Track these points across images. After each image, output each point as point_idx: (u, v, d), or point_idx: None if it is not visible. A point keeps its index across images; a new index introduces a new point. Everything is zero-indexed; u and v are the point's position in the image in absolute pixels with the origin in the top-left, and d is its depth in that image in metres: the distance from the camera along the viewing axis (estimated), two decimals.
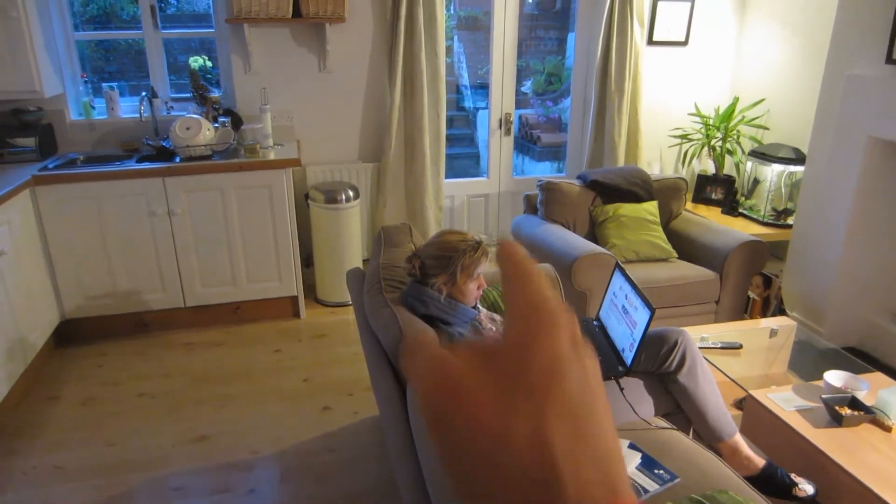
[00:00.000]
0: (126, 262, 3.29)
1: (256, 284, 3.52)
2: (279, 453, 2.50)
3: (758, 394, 2.21)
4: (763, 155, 3.92)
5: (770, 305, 3.44)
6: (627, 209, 3.39)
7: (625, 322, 2.05)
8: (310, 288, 3.95)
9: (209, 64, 4.13)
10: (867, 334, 3.19)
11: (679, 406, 2.04)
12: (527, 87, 5.67)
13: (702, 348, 2.54)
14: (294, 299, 3.65)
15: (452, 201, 4.38)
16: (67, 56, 3.60)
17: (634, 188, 3.48)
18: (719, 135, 4.22)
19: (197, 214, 3.30)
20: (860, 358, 2.63)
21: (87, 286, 3.27)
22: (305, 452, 2.50)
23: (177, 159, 3.30)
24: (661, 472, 1.71)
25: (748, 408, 2.24)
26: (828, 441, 1.96)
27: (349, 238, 3.69)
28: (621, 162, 4.23)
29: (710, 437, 2.00)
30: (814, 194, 3.25)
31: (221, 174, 3.25)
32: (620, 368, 1.99)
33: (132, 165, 3.22)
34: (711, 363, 2.38)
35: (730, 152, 4.23)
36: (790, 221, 3.80)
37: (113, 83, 3.75)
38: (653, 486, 1.66)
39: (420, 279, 1.88)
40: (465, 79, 6.08)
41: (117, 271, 3.29)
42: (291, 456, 2.49)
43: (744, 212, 4.05)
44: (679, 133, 4.45)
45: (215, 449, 2.54)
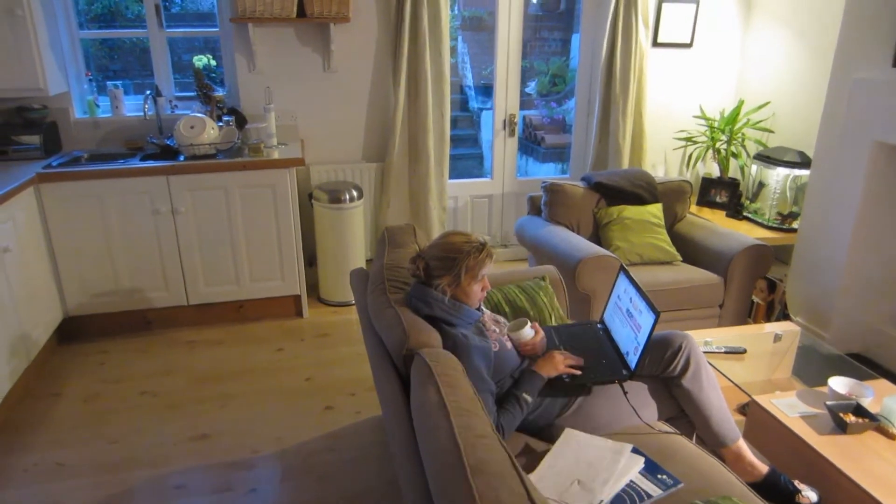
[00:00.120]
0: (129, 260, 3.29)
1: (259, 283, 3.52)
2: (280, 452, 2.50)
3: (762, 399, 2.19)
4: (768, 158, 3.91)
5: (774, 310, 3.43)
6: (632, 211, 3.38)
7: (629, 325, 2.04)
8: (312, 287, 3.95)
9: (213, 63, 4.13)
10: (872, 340, 3.18)
11: (682, 410, 2.03)
12: (531, 88, 5.67)
13: (705, 352, 2.53)
14: (297, 298, 3.65)
15: (456, 202, 4.38)
16: (72, 54, 3.60)
17: (639, 190, 3.47)
18: (724, 137, 4.20)
19: (201, 213, 3.30)
20: (864, 364, 2.61)
21: (91, 283, 3.27)
22: (307, 452, 2.50)
23: (181, 158, 3.30)
24: (665, 477, 1.70)
25: (752, 413, 2.23)
26: (832, 448, 1.94)
27: (352, 238, 3.69)
28: (625, 164, 4.22)
29: (714, 443, 1.99)
30: (819, 198, 3.24)
31: (225, 173, 3.25)
32: (624, 372, 1.98)
33: (136, 164, 3.22)
34: (715, 368, 2.37)
35: (735, 155, 4.22)
36: (795, 225, 3.79)
37: (117, 82, 3.75)
38: (656, 491, 1.65)
39: (424, 280, 1.87)
40: (469, 79, 6.08)
41: (120, 269, 3.29)
42: (293, 455, 2.48)
43: (748, 215, 4.04)
44: (684, 135, 4.44)
45: (217, 447, 2.54)
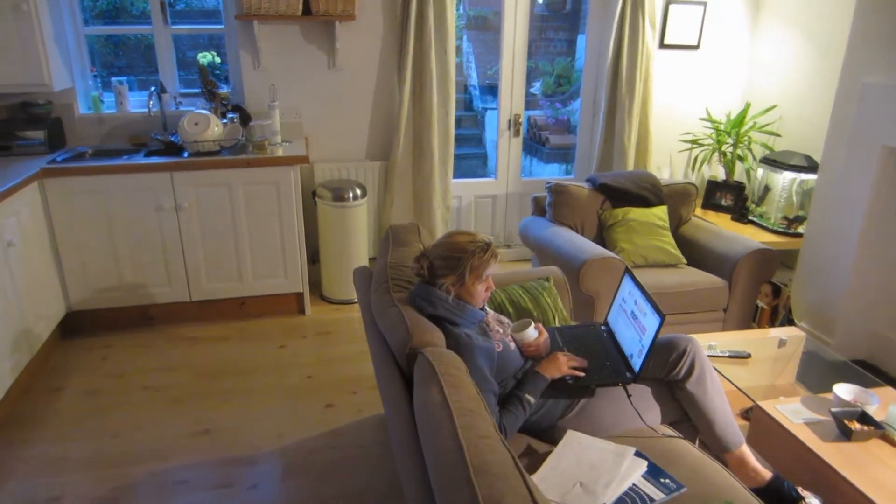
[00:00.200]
0: (132, 256, 3.29)
1: (262, 280, 3.52)
2: (281, 449, 2.50)
3: (766, 405, 2.18)
4: (774, 162, 3.89)
5: (778, 315, 3.42)
6: (636, 213, 3.37)
7: (634, 328, 2.03)
8: (315, 285, 3.95)
9: (218, 60, 4.13)
10: (877, 347, 3.16)
11: (686, 414, 2.02)
12: (536, 89, 5.66)
13: (709, 356, 2.51)
14: (299, 296, 3.64)
15: (460, 201, 4.37)
16: (77, 50, 3.60)
17: (644, 192, 3.46)
18: (730, 141, 4.19)
19: (204, 210, 3.29)
20: (868, 371, 2.59)
21: (94, 278, 3.27)
22: (308, 449, 2.50)
23: (185, 154, 3.30)
24: (667, 481, 1.69)
25: (755, 418, 2.21)
26: (836, 455, 1.93)
27: (356, 236, 3.68)
28: (631, 166, 4.21)
29: (717, 447, 1.98)
30: (826, 203, 3.22)
31: (229, 170, 3.25)
32: (628, 375, 1.97)
33: (140, 160, 3.22)
34: (718, 372, 2.35)
35: (741, 158, 4.20)
36: (801, 230, 3.77)
37: (122, 78, 3.75)
38: (658, 495, 1.64)
39: (428, 279, 1.86)
40: (474, 79, 6.07)
41: (124, 264, 3.29)
42: (294, 452, 2.48)
43: (753, 219, 4.02)
44: (689, 138, 4.43)
45: (218, 443, 2.53)
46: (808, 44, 3.88)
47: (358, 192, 3.62)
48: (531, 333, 1.99)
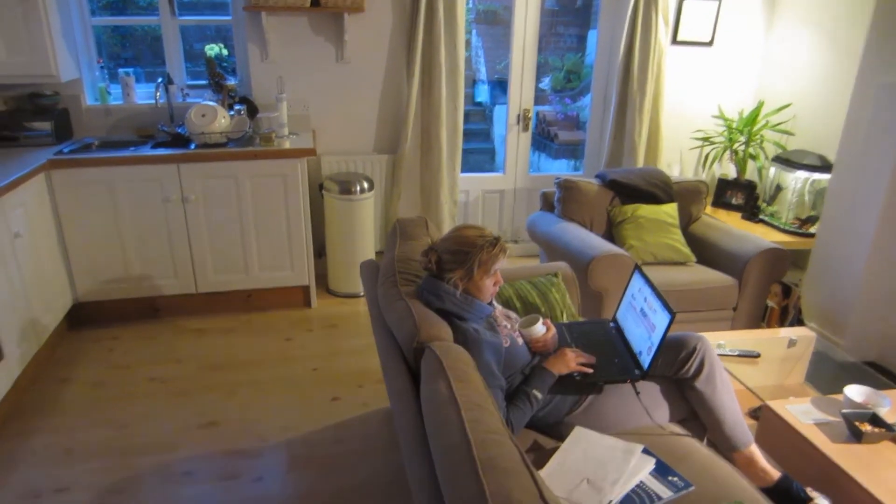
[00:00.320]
0: (139, 248, 3.28)
1: (268, 273, 3.51)
2: (287, 442, 2.49)
3: (775, 405, 2.15)
4: (787, 161, 3.85)
5: (788, 315, 3.39)
6: (646, 210, 3.34)
7: (643, 325, 2.01)
8: (321, 278, 3.94)
9: (225, 52, 4.12)
10: (888, 349, 3.12)
11: (695, 413, 2.00)
12: (545, 84, 5.62)
13: (718, 355, 2.49)
14: (306, 289, 3.64)
15: (467, 196, 4.35)
16: (84, 41, 3.59)
17: (654, 189, 3.43)
18: (742, 139, 4.14)
19: (211, 202, 3.29)
20: (879, 373, 2.57)
21: (100, 270, 3.27)
22: (313, 442, 2.49)
23: (192, 146, 3.30)
24: (675, 480, 1.67)
25: (764, 418, 2.19)
26: (846, 457, 1.90)
27: (362, 229, 3.67)
28: (641, 162, 4.18)
29: (726, 446, 1.96)
30: (840, 203, 3.18)
31: (236, 162, 3.24)
32: (637, 372, 1.95)
33: (147, 151, 3.21)
34: (727, 371, 2.33)
35: (752, 157, 4.16)
36: (813, 230, 3.73)
37: (129, 69, 3.74)
38: (666, 493, 1.62)
39: (436, 273, 1.85)
40: (483, 73, 6.04)
41: (130, 256, 3.29)
42: (299, 445, 2.47)
43: (764, 218, 3.98)
44: (701, 135, 4.39)
45: (224, 435, 2.53)
46: (824, 43, 3.83)
47: (365, 186, 3.61)
48: (539, 329, 1.97)
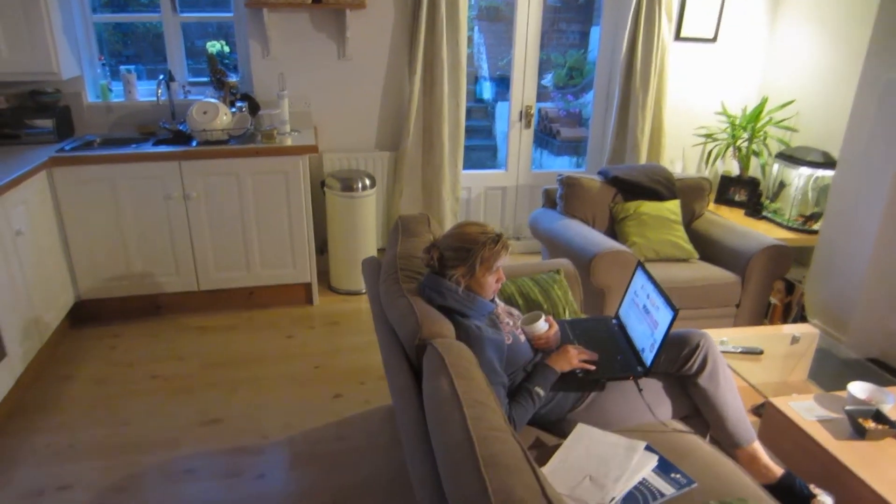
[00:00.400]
0: (141, 245, 3.28)
1: (270, 270, 3.51)
2: (289, 439, 2.49)
3: (778, 401, 2.15)
4: (791, 158, 3.83)
5: (791, 312, 3.37)
6: (649, 207, 3.33)
7: (646, 322, 2.00)
8: (323, 275, 3.94)
9: (227, 49, 4.11)
10: (891, 345, 3.11)
11: (697, 409, 1.99)
12: (547, 81, 5.60)
13: (721, 352, 2.48)
14: (307, 286, 3.64)
15: (469, 193, 4.35)
16: (85, 38, 3.59)
17: (657, 186, 3.42)
18: (745, 135, 4.13)
19: (212, 199, 3.29)
20: (882, 370, 2.56)
21: (102, 268, 3.27)
22: (315, 440, 2.49)
23: (193, 143, 3.29)
24: (678, 477, 1.66)
25: (767, 415, 2.18)
26: (849, 454, 1.90)
27: (364, 226, 3.66)
28: (643, 159, 4.16)
29: (729, 443, 1.96)
30: (843, 200, 3.17)
31: (238, 159, 3.23)
32: (640, 369, 1.94)
33: (149, 148, 3.21)
34: (730, 367, 2.32)
35: (756, 154, 4.15)
36: (816, 227, 3.72)
37: (130, 66, 3.74)
38: (669, 490, 1.62)
39: (438, 270, 1.84)
40: (485, 70, 6.01)
41: (132, 253, 3.29)
42: (301, 442, 2.47)
43: (767, 215, 3.97)
44: (704, 132, 4.38)
45: (226, 432, 2.53)
46: (828, 38, 3.81)
47: (367, 183, 3.60)
48: (541, 326, 1.97)
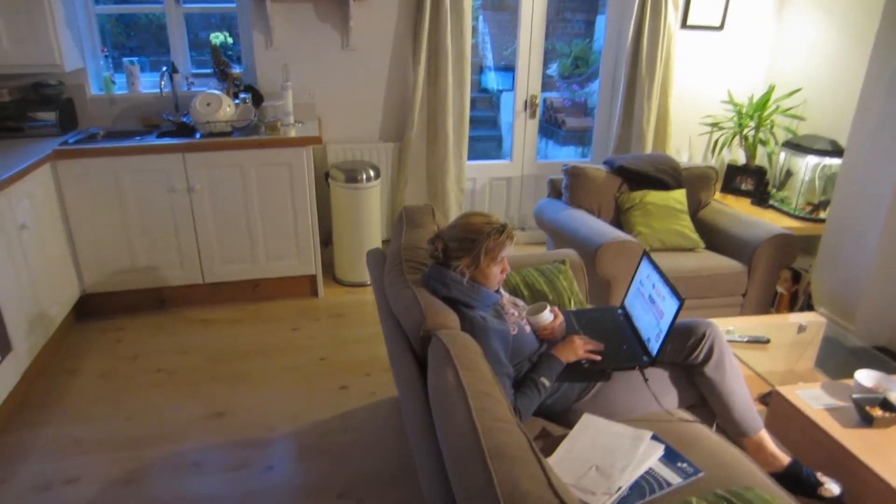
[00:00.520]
0: (145, 238, 3.29)
1: (275, 262, 3.51)
2: (295, 431, 2.50)
3: (785, 390, 2.14)
4: (798, 146, 3.80)
5: (798, 301, 3.36)
6: (654, 197, 3.31)
7: (651, 312, 1.99)
8: (328, 267, 3.94)
9: (230, 41, 4.09)
10: None
11: (704, 399, 1.98)
12: (552, 70, 5.57)
13: (727, 341, 2.48)
14: (312, 278, 3.64)
15: (474, 183, 4.33)
16: (88, 30, 3.58)
17: (662, 175, 3.39)
18: (752, 124, 4.09)
19: (216, 191, 3.28)
20: (889, 357, 2.54)
21: (107, 261, 3.28)
22: (322, 431, 2.49)
23: (197, 135, 3.28)
24: (685, 466, 1.66)
25: (774, 404, 2.18)
26: (857, 442, 1.90)
27: (369, 218, 3.66)
28: (649, 149, 4.14)
29: (735, 432, 1.95)
30: (851, 188, 3.14)
31: (241, 151, 3.22)
32: (645, 358, 1.94)
33: (152, 141, 3.21)
34: (737, 356, 2.32)
35: (762, 142, 4.11)
36: (824, 215, 3.69)
37: (133, 58, 3.73)
38: (675, 480, 1.61)
39: (442, 261, 1.84)
40: (490, 60, 5.99)
41: (137, 247, 3.29)
42: (308, 434, 2.48)
43: (774, 204, 3.94)
44: (710, 121, 4.34)
45: (232, 425, 2.54)
46: (836, 26, 3.76)
47: (371, 174, 3.59)
48: (546, 316, 1.96)
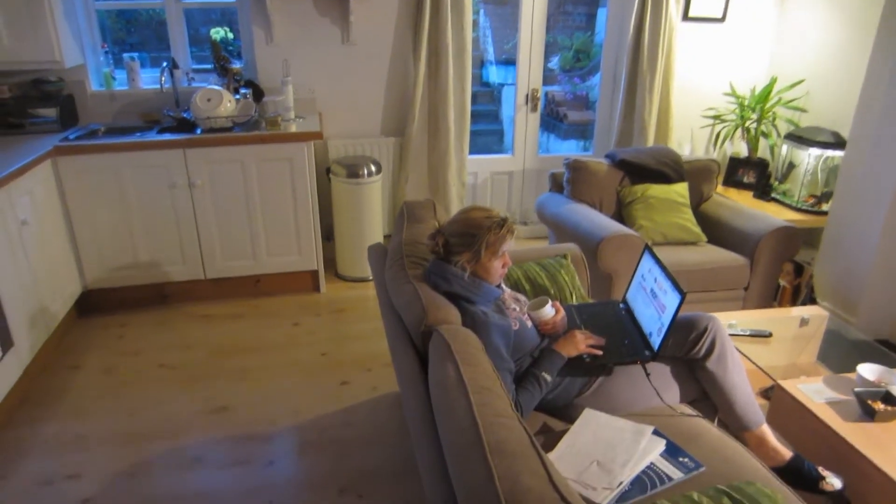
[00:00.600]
0: (147, 234, 3.29)
1: (276, 258, 3.51)
2: (297, 427, 2.50)
3: (787, 384, 2.14)
4: (800, 138, 3.78)
5: (800, 294, 3.35)
6: (656, 190, 3.30)
7: (653, 306, 1.98)
8: (330, 262, 3.94)
9: (231, 36, 4.08)
10: None
11: (705, 393, 1.98)
12: (554, 64, 5.54)
13: (729, 335, 2.47)
14: (314, 273, 3.64)
15: (476, 178, 4.32)
16: (88, 26, 3.57)
17: (664, 169, 3.38)
18: (754, 116, 4.07)
19: (217, 187, 3.28)
20: (892, 351, 2.53)
21: (109, 257, 3.28)
22: (323, 427, 2.50)
23: (198, 131, 3.28)
24: (686, 460, 1.66)
25: (776, 398, 2.17)
26: (859, 435, 1.89)
27: (370, 213, 3.65)
28: (651, 142, 4.12)
29: (737, 426, 1.94)
30: (853, 180, 3.12)
31: (242, 146, 3.22)
32: (647, 353, 1.93)
33: (153, 136, 3.20)
34: (739, 351, 2.31)
35: (765, 135, 4.09)
36: (825, 208, 3.67)
37: (134, 54, 3.72)
38: (677, 474, 1.61)
39: (443, 256, 1.83)
40: (491, 54, 5.96)
41: (138, 243, 3.29)
42: (309, 429, 2.48)
43: (776, 196, 3.92)
44: (712, 113, 4.32)
45: (234, 420, 2.55)
46: (838, 18, 3.74)
47: (372, 169, 3.58)
48: (548, 311, 1.96)
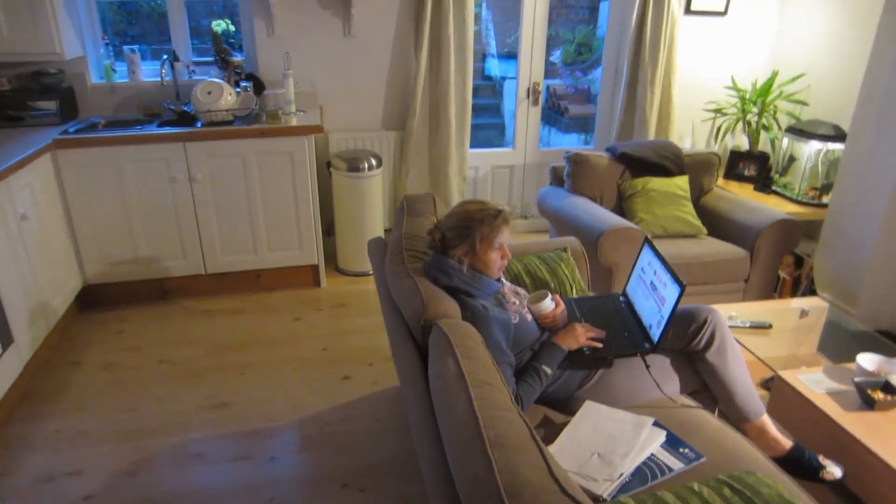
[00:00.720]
0: (147, 228, 3.29)
1: (277, 252, 3.51)
2: (298, 422, 2.51)
3: (787, 375, 2.14)
4: (801, 131, 3.77)
5: (801, 286, 3.35)
6: (657, 183, 3.30)
7: (653, 298, 1.98)
8: (330, 257, 3.94)
9: (232, 28, 4.07)
10: None
11: (705, 385, 1.98)
12: (555, 57, 5.52)
13: (729, 327, 2.47)
14: (315, 268, 3.64)
15: (476, 172, 4.31)
16: (88, 18, 3.56)
17: (665, 162, 3.38)
18: (755, 109, 4.06)
19: (218, 181, 3.27)
20: (891, 341, 2.54)
21: (109, 252, 3.28)
22: (325, 422, 2.50)
23: (198, 124, 3.27)
24: (687, 451, 1.66)
25: (776, 389, 2.18)
26: (858, 425, 1.90)
27: (371, 207, 3.65)
28: (652, 135, 4.11)
29: (737, 417, 1.95)
30: (853, 172, 3.12)
31: (243, 140, 3.21)
32: (647, 345, 1.93)
33: (153, 130, 3.19)
34: (739, 342, 2.31)
35: (765, 128, 4.08)
36: (825, 201, 3.67)
37: (134, 46, 3.71)
38: (678, 465, 1.62)
39: (441, 251, 1.83)
40: (493, 47, 5.94)
41: (138, 237, 3.29)
42: (311, 424, 2.49)
43: (777, 189, 3.92)
44: (713, 107, 4.31)
45: (235, 416, 2.55)
46: (839, 11, 3.72)
47: (373, 163, 3.58)
48: (548, 304, 1.96)
